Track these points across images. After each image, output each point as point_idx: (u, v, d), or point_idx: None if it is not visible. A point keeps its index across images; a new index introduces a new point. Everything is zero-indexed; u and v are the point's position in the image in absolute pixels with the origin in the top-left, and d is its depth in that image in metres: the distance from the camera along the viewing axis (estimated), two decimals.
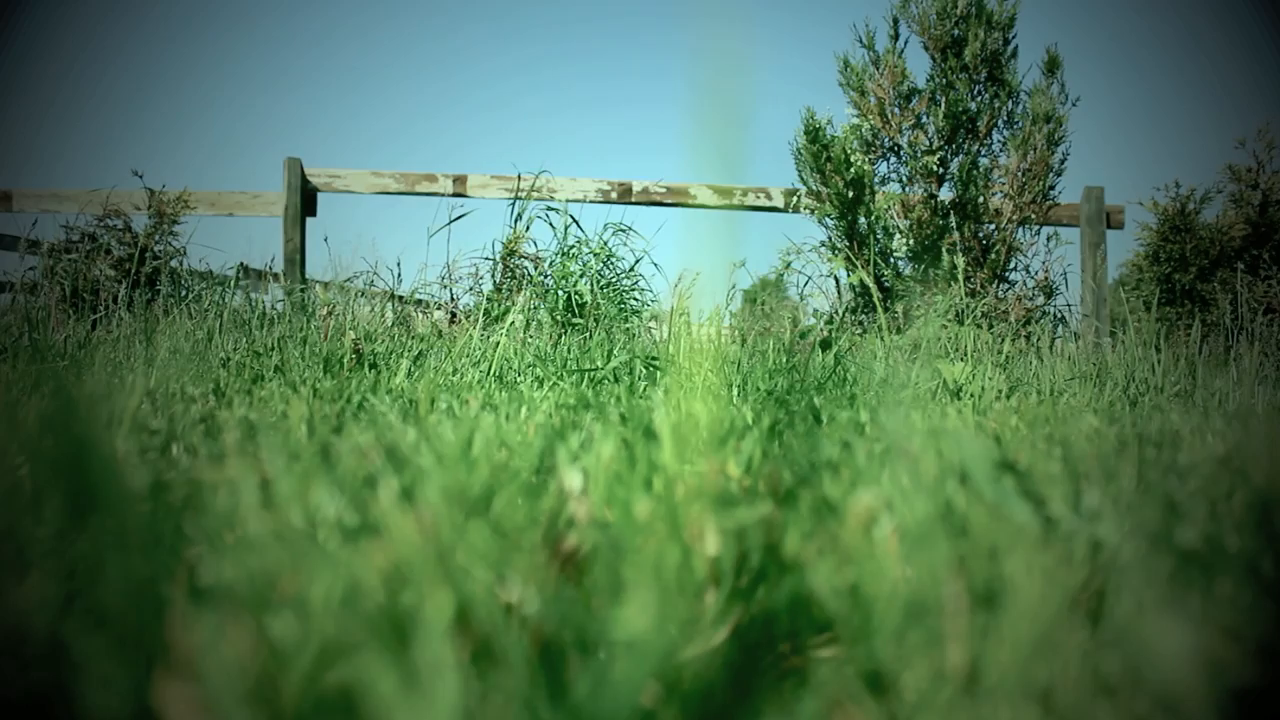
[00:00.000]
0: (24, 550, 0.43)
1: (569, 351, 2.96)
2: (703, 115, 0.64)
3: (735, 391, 2.05)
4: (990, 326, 4.82)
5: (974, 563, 0.43)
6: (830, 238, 5.48)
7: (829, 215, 5.43)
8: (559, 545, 0.48)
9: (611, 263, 4.46)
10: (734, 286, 4.32)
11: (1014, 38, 5.46)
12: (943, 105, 5.36)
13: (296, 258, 5.57)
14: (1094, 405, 2.46)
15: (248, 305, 4.14)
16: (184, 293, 4.38)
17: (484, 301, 4.21)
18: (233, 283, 4.47)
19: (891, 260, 5.43)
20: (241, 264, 5.40)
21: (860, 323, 5.23)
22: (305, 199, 5.66)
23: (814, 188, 5.46)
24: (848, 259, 5.32)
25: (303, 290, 4.68)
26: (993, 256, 5.29)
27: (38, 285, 4.03)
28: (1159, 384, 3.37)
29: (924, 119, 5.43)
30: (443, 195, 5.63)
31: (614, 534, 0.45)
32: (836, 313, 5.30)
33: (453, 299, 4.45)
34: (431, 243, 4.64)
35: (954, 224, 5.28)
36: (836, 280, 5.47)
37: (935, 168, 5.36)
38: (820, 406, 1.51)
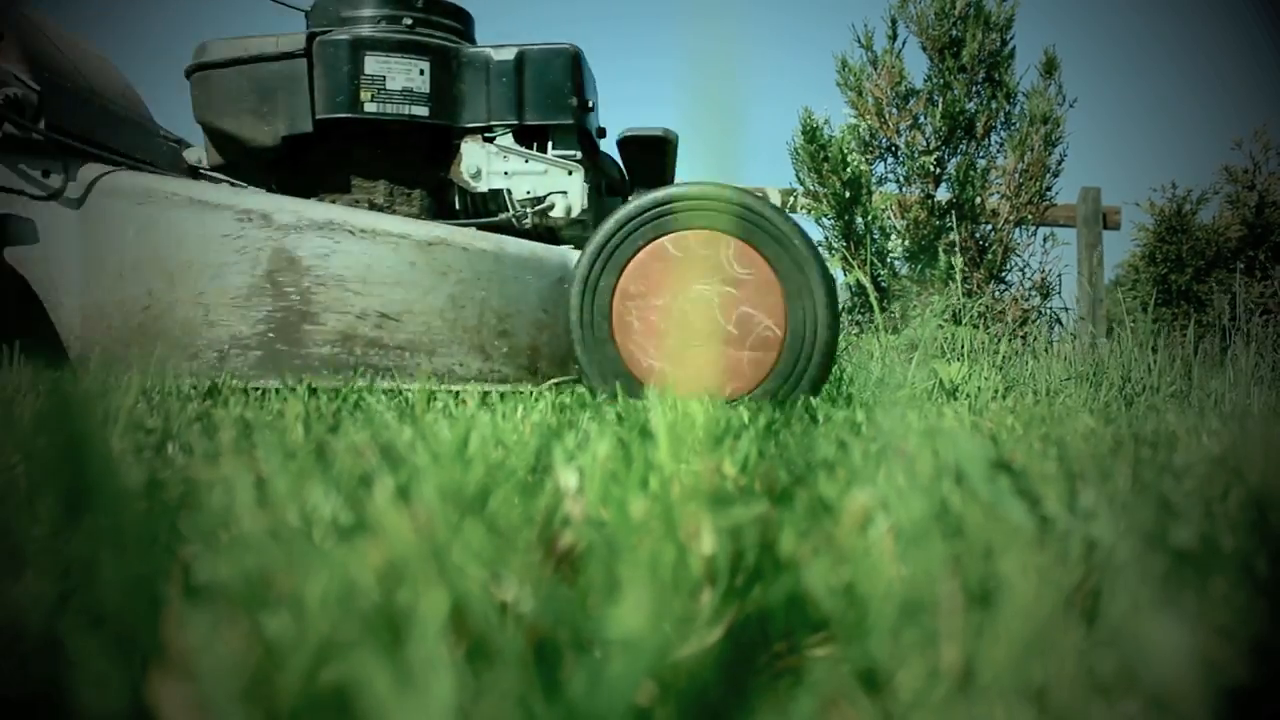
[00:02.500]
0: (19, 548, 0.43)
1: None
2: (699, 115, 0.64)
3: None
4: (987, 327, 4.83)
5: (969, 562, 0.43)
6: (827, 237, 5.49)
7: (826, 215, 5.44)
8: (554, 544, 0.48)
9: None
10: None
11: (1012, 39, 5.47)
12: (940, 106, 5.37)
13: None
14: (1090, 405, 2.47)
15: None
16: None
17: None
18: None
19: (888, 260, 5.44)
20: None
21: (857, 322, 5.24)
22: None
23: (811, 187, 5.47)
24: (844, 258, 5.33)
25: None
26: (989, 257, 5.31)
27: None
28: (1155, 384, 3.38)
29: (921, 119, 5.44)
30: None
31: (609, 532, 0.45)
32: None
33: None
34: None
35: (951, 224, 5.29)
36: None
37: (932, 168, 5.37)
38: (816, 406, 1.52)
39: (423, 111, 2.32)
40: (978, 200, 5.33)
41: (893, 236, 5.41)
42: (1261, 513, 0.54)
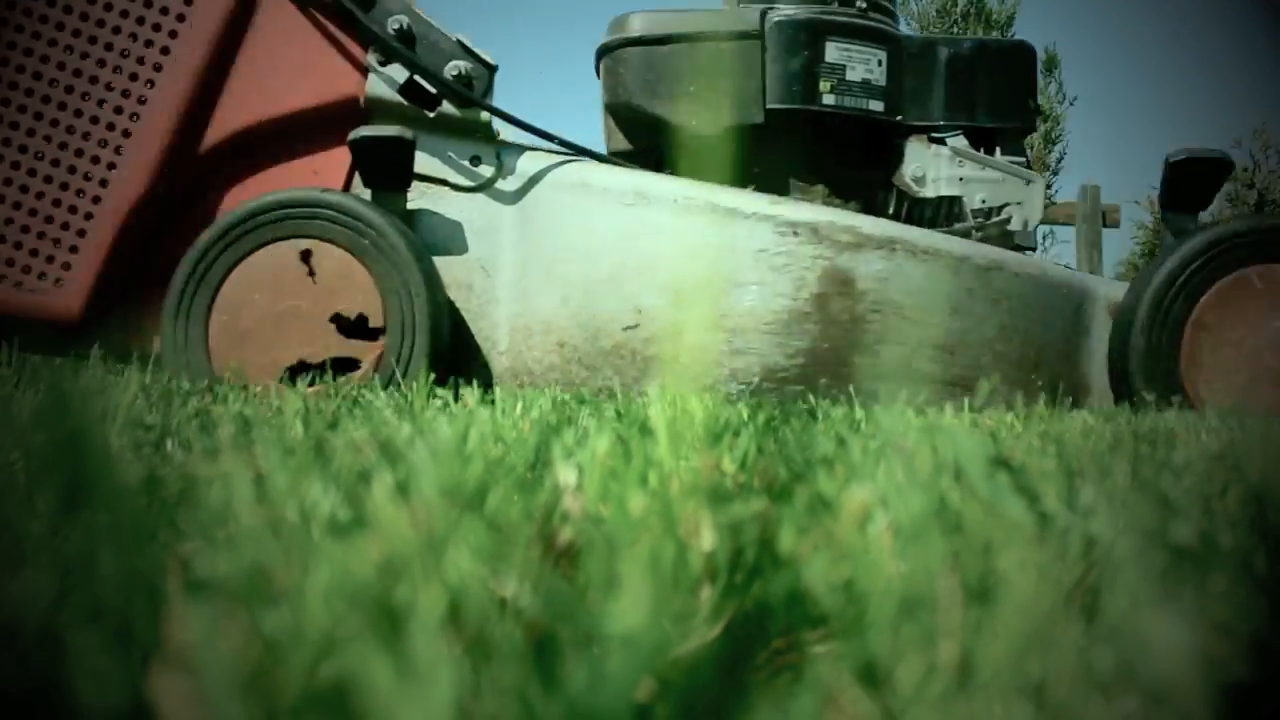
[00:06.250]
0: (18, 545, 0.43)
1: None
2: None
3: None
4: None
5: (968, 558, 0.43)
6: None
7: None
8: (553, 540, 0.48)
9: None
10: None
11: (1013, 36, 5.46)
12: None
13: None
14: (1088, 403, 2.47)
15: None
16: None
17: None
18: None
19: None
20: None
21: None
22: None
23: None
24: None
25: None
26: None
27: None
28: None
29: None
30: None
31: (608, 529, 0.45)
32: None
33: None
34: None
35: None
36: None
37: None
38: (815, 402, 1.52)
39: (878, 107, 2.06)
40: None
41: None
42: (1261, 509, 0.54)
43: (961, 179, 2.10)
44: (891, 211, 2.19)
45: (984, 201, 2.10)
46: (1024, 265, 1.90)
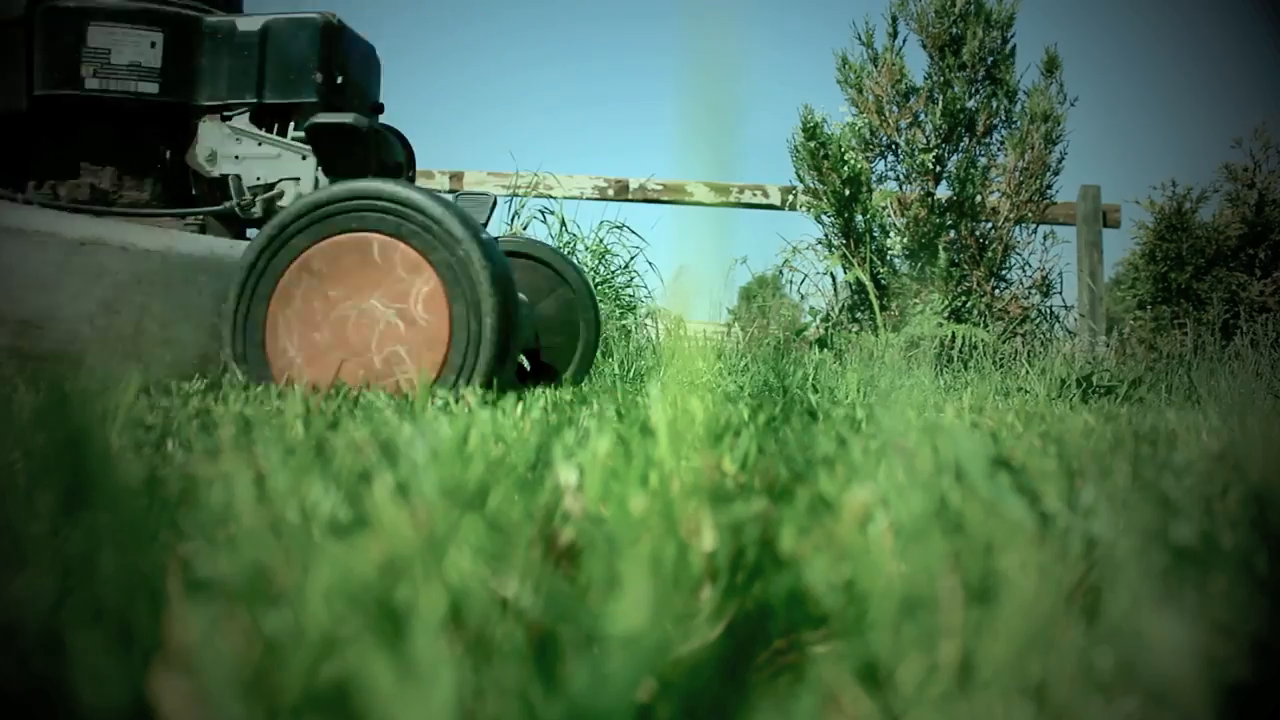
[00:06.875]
0: (19, 545, 0.43)
1: None
2: (697, 113, 0.64)
3: (732, 386, 2.05)
4: (985, 325, 4.83)
5: (969, 558, 0.43)
6: (827, 235, 5.48)
7: (825, 213, 5.43)
8: (554, 540, 0.48)
9: (607, 260, 4.46)
10: (731, 283, 4.32)
11: (1013, 37, 5.46)
12: (940, 103, 5.36)
13: None
14: (1090, 403, 2.47)
15: None
16: None
17: None
18: None
19: (888, 258, 5.44)
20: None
21: (856, 320, 5.24)
22: None
23: (811, 185, 5.46)
24: (844, 256, 5.33)
25: None
26: (989, 255, 5.30)
27: None
28: (1154, 381, 3.38)
29: (922, 117, 5.43)
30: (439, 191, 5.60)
31: (609, 529, 0.45)
32: (833, 310, 5.30)
33: None
34: None
35: (950, 222, 5.28)
36: (833, 278, 5.47)
37: (932, 166, 5.36)
38: (816, 403, 1.52)
39: (152, 89, 2.11)
40: (978, 198, 5.32)
41: (892, 234, 5.41)
42: (1261, 509, 0.54)
43: (238, 156, 2.18)
44: (194, 192, 2.28)
45: (260, 178, 2.17)
46: (136, 240, 1.92)
